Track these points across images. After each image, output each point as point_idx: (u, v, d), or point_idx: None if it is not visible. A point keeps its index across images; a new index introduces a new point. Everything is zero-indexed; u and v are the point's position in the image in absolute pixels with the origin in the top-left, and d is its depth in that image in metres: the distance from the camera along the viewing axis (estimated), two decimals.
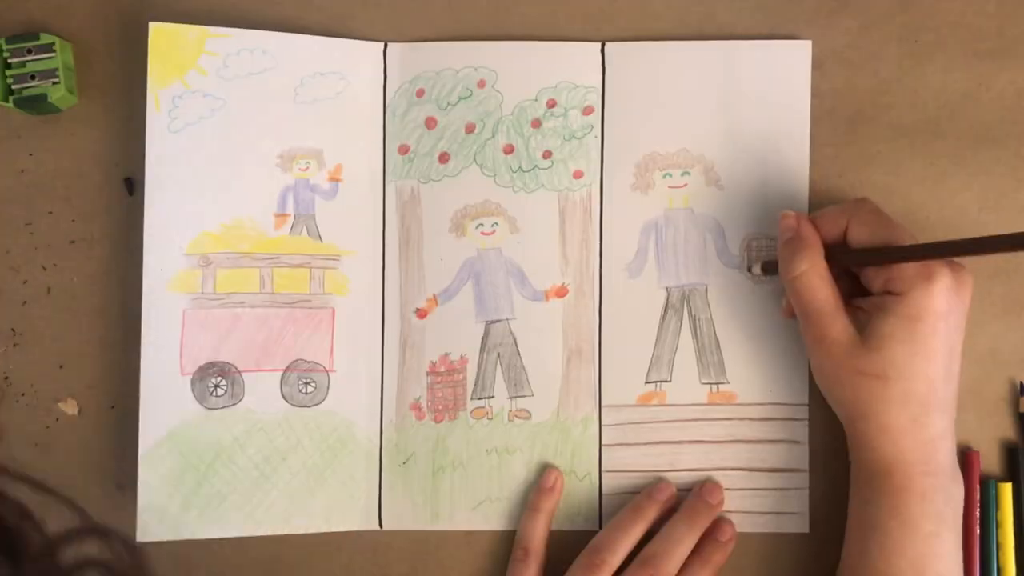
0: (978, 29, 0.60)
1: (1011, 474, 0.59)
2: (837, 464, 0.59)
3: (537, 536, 0.59)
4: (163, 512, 0.57)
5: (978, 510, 0.58)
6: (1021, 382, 0.59)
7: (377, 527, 0.60)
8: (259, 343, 0.59)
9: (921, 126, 0.60)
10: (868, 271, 0.53)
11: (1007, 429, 0.59)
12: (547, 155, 0.61)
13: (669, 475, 0.60)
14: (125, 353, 0.59)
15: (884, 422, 0.52)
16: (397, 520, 0.60)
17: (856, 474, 0.55)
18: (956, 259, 0.52)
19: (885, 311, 0.52)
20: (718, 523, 0.59)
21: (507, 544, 0.60)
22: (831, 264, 0.54)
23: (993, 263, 0.60)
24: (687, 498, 0.59)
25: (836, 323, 0.53)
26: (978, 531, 0.58)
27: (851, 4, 0.61)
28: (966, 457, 0.59)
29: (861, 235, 0.53)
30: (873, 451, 0.53)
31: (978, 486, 0.58)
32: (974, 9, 0.60)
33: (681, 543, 0.57)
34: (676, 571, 0.56)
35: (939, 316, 0.51)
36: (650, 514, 0.58)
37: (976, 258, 0.59)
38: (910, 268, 0.51)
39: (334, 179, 0.60)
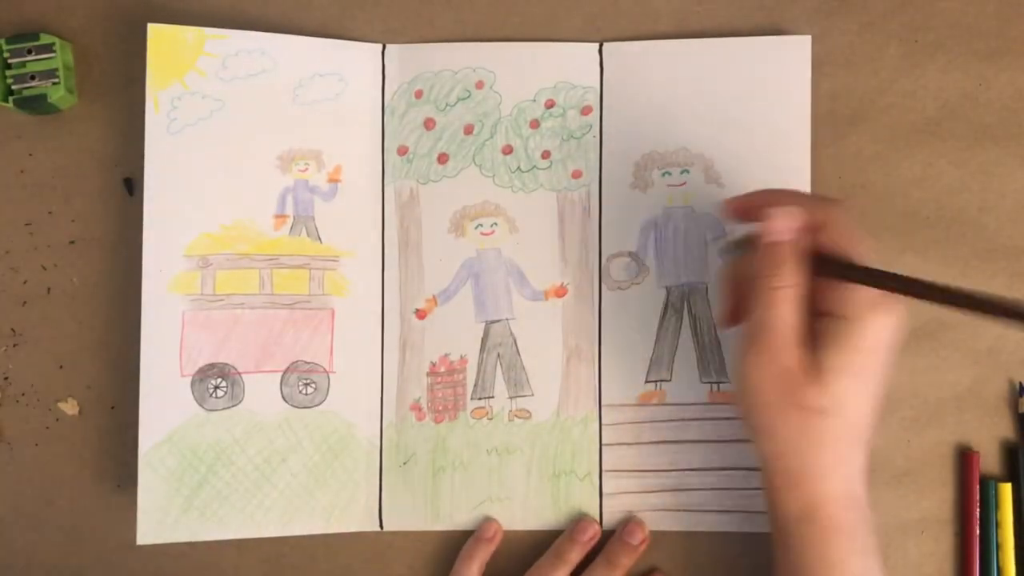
0: (978, 29, 0.60)
1: (1011, 474, 0.59)
2: None
3: None
4: (163, 514, 0.57)
5: (978, 510, 0.58)
6: (1021, 382, 0.59)
7: (378, 528, 0.60)
8: (259, 344, 0.59)
9: (921, 126, 0.60)
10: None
11: (1007, 429, 0.59)
12: (546, 155, 0.61)
13: (669, 474, 0.60)
14: (125, 353, 0.59)
15: (809, 460, 0.49)
16: (398, 520, 0.60)
17: (777, 522, 0.51)
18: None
19: (836, 341, 0.48)
20: (630, 525, 0.59)
21: (507, 545, 0.60)
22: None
23: (992, 265, 0.60)
24: (610, 540, 0.59)
25: (792, 351, 0.48)
26: (978, 531, 0.58)
27: (851, 4, 0.61)
28: (966, 457, 0.59)
29: (831, 243, 0.49)
30: (795, 491, 0.50)
31: (978, 486, 0.58)
32: (974, 9, 0.60)
33: None
34: None
35: (884, 348, 0.49)
36: (572, 556, 0.58)
37: (975, 261, 0.59)
38: (868, 293, 0.48)
39: (333, 180, 0.60)
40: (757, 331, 0.49)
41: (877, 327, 0.48)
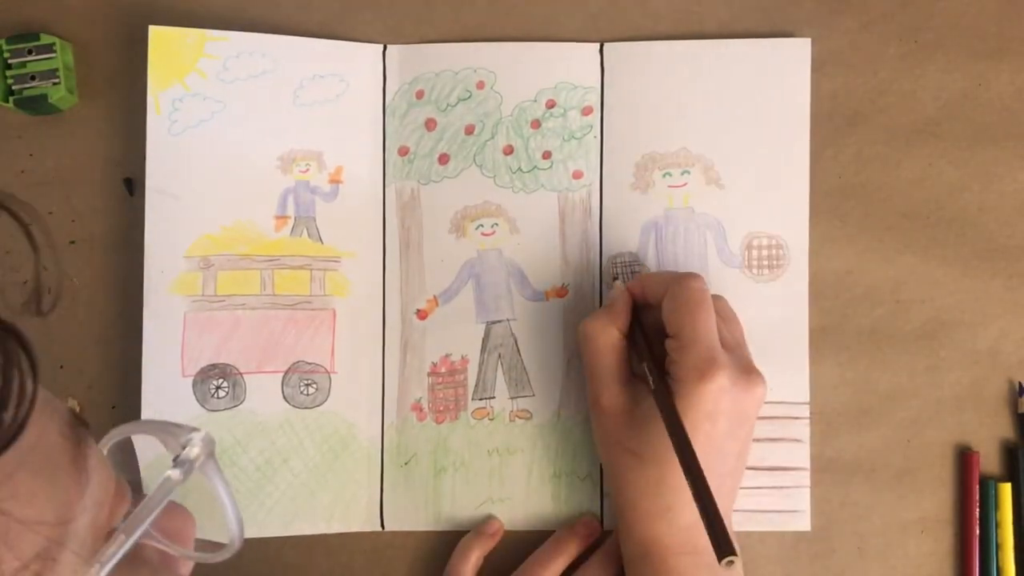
0: (978, 29, 0.60)
1: (1011, 474, 0.59)
2: (838, 462, 0.59)
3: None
4: None
5: (978, 510, 0.58)
6: (1020, 382, 0.59)
7: (379, 528, 0.60)
8: (260, 345, 0.59)
9: (921, 126, 0.60)
10: (667, 344, 0.53)
11: (1007, 429, 0.59)
12: (547, 156, 0.61)
13: None
14: (126, 353, 0.59)
15: (637, 503, 0.52)
16: (399, 521, 0.60)
17: (624, 553, 0.54)
18: (750, 363, 0.52)
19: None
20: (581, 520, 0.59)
21: (508, 545, 0.60)
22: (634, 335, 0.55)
23: (992, 265, 0.60)
24: (610, 537, 0.59)
25: (608, 391, 0.54)
26: (978, 531, 0.58)
27: (851, 4, 0.61)
28: (965, 457, 0.59)
29: (666, 312, 0.53)
30: (630, 531, 0.53)
31: (978, 486, 0.58)
32: (974, 9, 0.60)
33: None
34: None
35: (703, 416, 0.50)
36: (572, 548, 0.58)
37: (975, 261, 0.59)
38: (691, 358, 0.50)
39: (334, 181, 0.60)
40: (586, 374, 0.56)
41: (689, 388, 0.50)
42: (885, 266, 0.60)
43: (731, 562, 0.44)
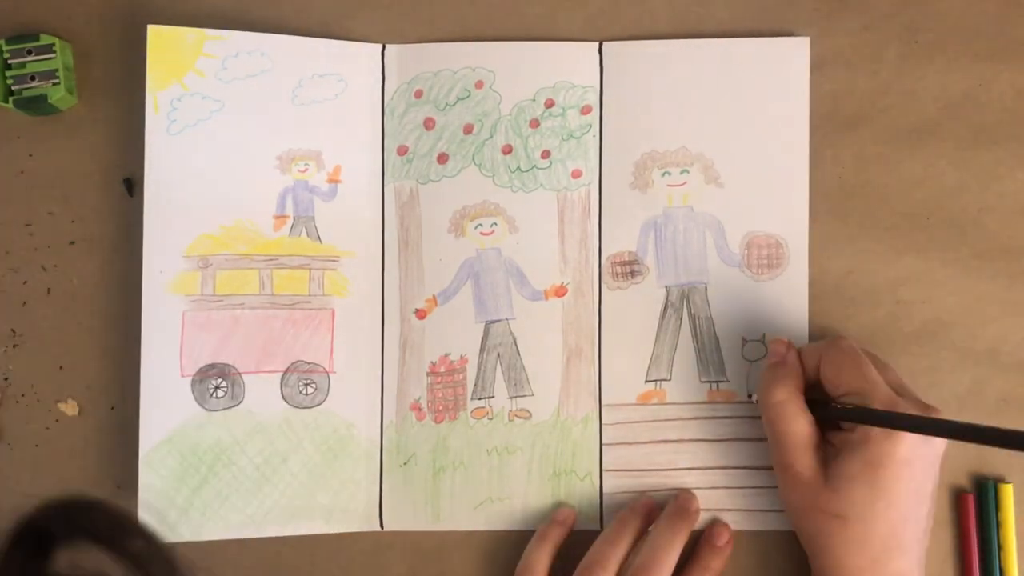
0: (978, 29, 0.60)
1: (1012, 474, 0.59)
2: None
3: (541, 565, 0.58)
4: (164, 514, 0.57)
5: (978, 510, 0.58)
6: None
7: (378, 528, 0.60)
8: (259, 345, 0.59)
9: (921, 126, 0.60)
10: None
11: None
12: (545, 155, 0.61)
13: (669, 473, 0.60)
14: (125, 353, 0.59)
15: (842, 561, 0.52)
16: (398, 521, 0.60)
17: None
18: (929, 406, 0.52)
19: (850, 453, 0.52)
20: (715, 528, 0.59)
21: (508, 544, 0.60)
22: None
23: (992, 265, 0.60)
24: (697, 545, 0.59)
25: (803, 457, 0.53)
26: (978, 532, 0.58)
27: (851, 4, 0.61)
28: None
29: (829, 374, 0.54)
30: None
31: (978, 486, 0.58)
32: (974, 9, 0.60)
33: (668, 549, 0.56)
34: None
35: (902, 463, 0.51)
36: (636, 524, 0.58)
37: (975, 261, 0.59)
38: (875, 407, 0.51)
39: (333, 180, 0.60)
40: (771, 443, 0.55)
41: (882, 440, 0.51)
42: (885, 266, 0.60)
43: None
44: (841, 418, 0.53)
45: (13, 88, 0.59)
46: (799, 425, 0.54)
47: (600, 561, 0.56)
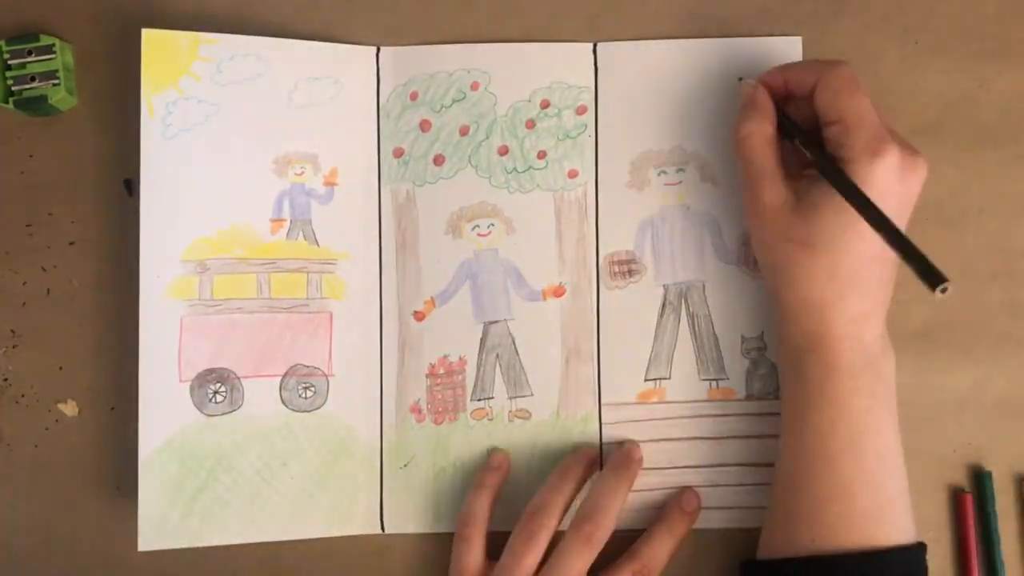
0: (978, 29, 0.60)
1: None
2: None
3: (481, 512, 0.58)
4: (164, 520, 0.58)
5: (977, 510, 0.58)
6: None
7: (379, 530, 0.60)
8: (257, 349, 0.59)
9: (921, 127, 0.60)
10: (826, 132, 0.52)
11: (1007, 429, 0.60)
12: (542, 155, 0.61)
13: (670, 472, 0.60)
14: (125, 354, 0.59)
15: (808, 294, 0.52)
16: (399, 523, 0.60)
17: (783, 351, 0.55)
18: (911, 146, 0.51)
19: (820, 181, 0.51)
20: (685, 492, 0.59)
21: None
22: (781, 133, 0.54)
23: (992, 265, 0.60)
24: (666, 507, 0.59)
25: (772, 187, 0.53)
26: (977, 531, 0.58)
27: (851, 4, 0.60)
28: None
29: (823, 100, 0.52)
30: (797, 325, 0.53)
31: (977, 486, 0.58)
32: (974, 9, 0.60)
33: (612, 496, 0.56)
34: (614, 523, 0.56)
35: (877, 193, 0.49)
36: (579, 471, 0.58)
37: (975, 261, 0.59)
38: (861, 138, 0.50)
39: (329, 183, 0.60)
40: (743, 179, 0.55)
41: (860, 168, 0.50)
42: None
43: (945, 289, 0.43)
44: (800, 155, 0.53)
45: (13, 89, 0.59)
46: (764, 156, 0.53)
47: (544, 507, 0.56)
